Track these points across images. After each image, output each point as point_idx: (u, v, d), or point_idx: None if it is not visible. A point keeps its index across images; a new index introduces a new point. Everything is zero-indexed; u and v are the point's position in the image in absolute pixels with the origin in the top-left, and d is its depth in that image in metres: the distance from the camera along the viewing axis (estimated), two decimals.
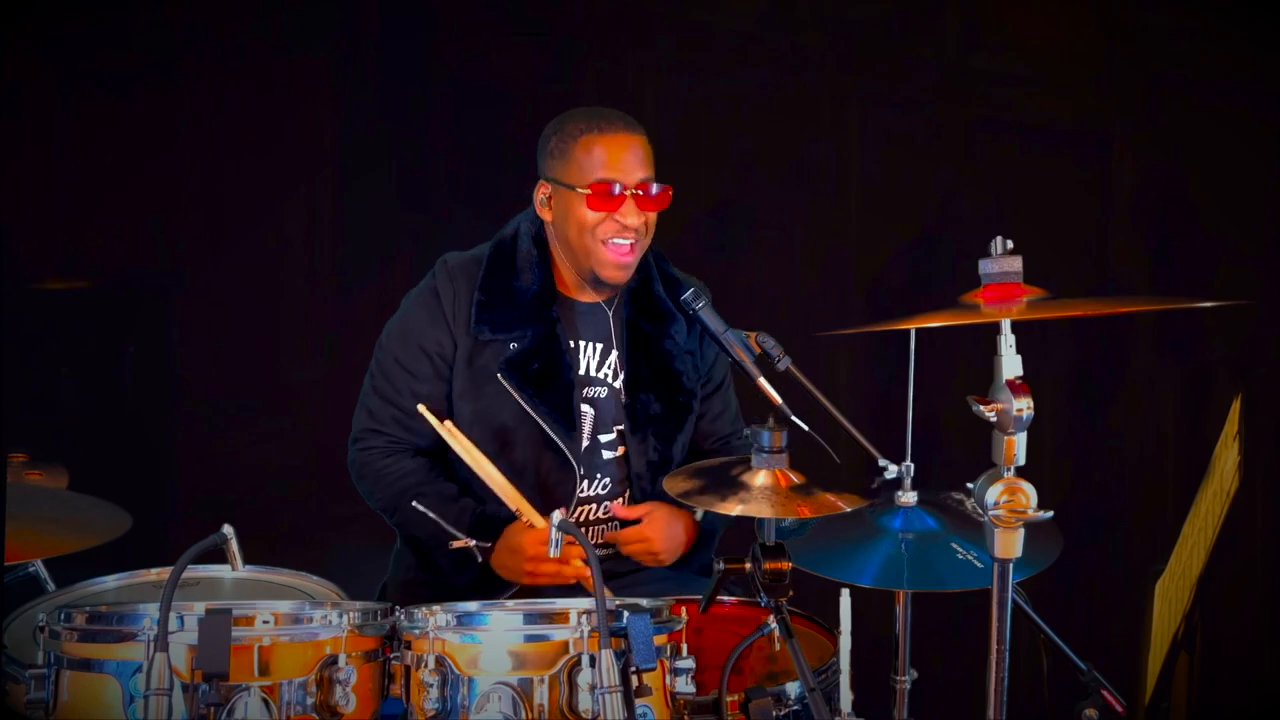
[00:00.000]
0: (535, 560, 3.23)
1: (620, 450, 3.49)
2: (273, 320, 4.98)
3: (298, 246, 5.01)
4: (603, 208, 3.33)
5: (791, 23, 5.13)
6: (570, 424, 3.40)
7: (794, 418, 2.99)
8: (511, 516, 3.28)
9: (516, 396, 3.36)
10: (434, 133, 5.03)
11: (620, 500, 3.50)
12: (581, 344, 3.47)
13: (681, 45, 5.09)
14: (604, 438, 3.47)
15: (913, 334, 2.98)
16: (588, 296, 3.50)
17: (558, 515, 2.85)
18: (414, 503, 3.34)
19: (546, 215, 3.44)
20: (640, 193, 3.33)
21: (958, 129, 5.13)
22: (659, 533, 3.41)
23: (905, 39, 5.14)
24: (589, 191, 3.32)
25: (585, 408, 3.45)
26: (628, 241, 3.35)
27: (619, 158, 3.33)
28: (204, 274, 4.89)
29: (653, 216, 3.39)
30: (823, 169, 5.14)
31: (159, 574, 3.13)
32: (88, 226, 4.80)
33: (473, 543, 3.28)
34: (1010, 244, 2.61)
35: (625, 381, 3.48)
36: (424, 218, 4.91)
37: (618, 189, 3.32)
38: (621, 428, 3.48)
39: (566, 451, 3.39)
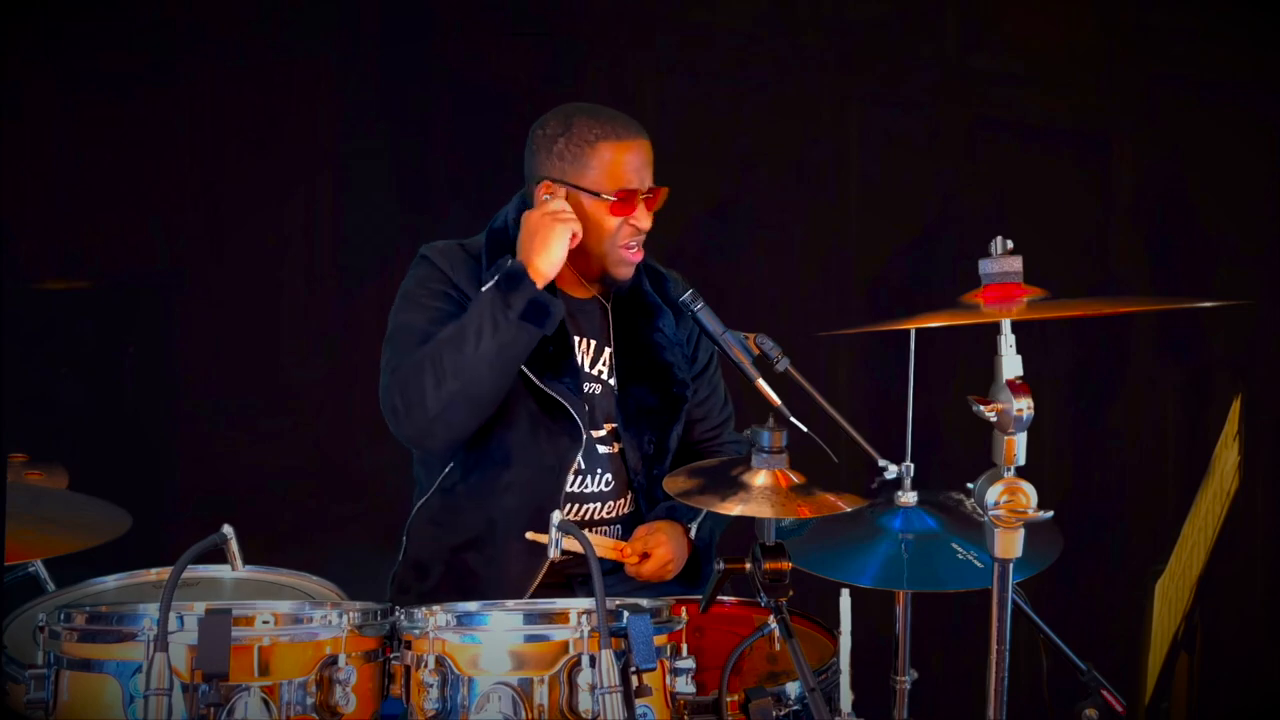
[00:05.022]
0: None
1: (614, 447, 3.46)
2: (273, 320, 4.97)
3: (298, 246, 5.00)
4: (624, 213, 3.33)
5: (791, 23, 5.13)
6: (579, 407, 3.35)
7: (793, 419, 2.99)
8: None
9: (535, 381, 3.30)
10: (434, 133, 5.03)
11: (622, 500, 3.49)
12: (576, 340, 3.44)
13: (681, 45, 5.09)
14: (597, 433, 3.44)
15: (913, 334, 2.98)
16: (581, 292, 3.48)
17: (557, 515, 2.86)
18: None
19: None
20: (650, 196, 3.36)
21: (958, 129, 5.13)
22: (662, 542, 3.37)
23: (905, 39, 5.14)
24: (614, 199, 3.32)
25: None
26: (639, 241, 3.39)
27: (637, 166, 3.35)
28: (204, 274, 4.89)
29: None
30: (823, 169, 5.14)
31: (159, 574, 3.12)
32: (88, 226, 4.80)
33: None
34: (1010, 244, 2.61)
35: (618, 375, 3.47)
36: (424, 218, 4.90)
37: (636, 196, 3.34)
38: (614, 425, 3.46)
39: (577, 418, 3.34)
